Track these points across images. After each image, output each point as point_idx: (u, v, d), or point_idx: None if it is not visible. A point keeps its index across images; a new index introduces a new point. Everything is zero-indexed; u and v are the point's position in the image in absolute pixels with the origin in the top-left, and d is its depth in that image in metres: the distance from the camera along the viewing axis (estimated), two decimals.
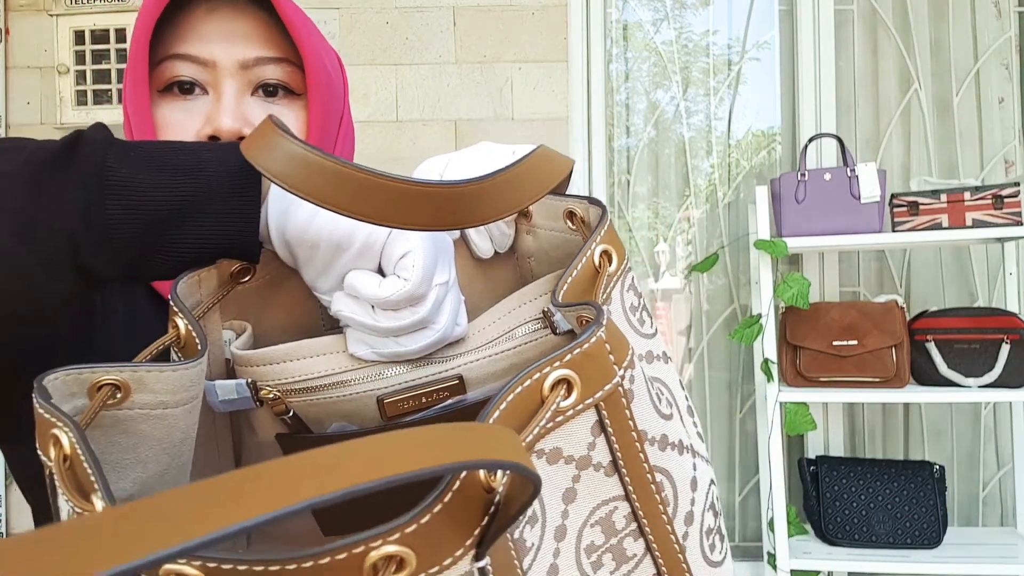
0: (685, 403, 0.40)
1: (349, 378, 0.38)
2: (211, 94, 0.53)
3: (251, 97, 0.54)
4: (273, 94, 0.55)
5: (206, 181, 0.36)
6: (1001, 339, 1.58)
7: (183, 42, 0.53)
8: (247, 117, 0.53)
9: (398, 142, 1.80)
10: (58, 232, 0.35)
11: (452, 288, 0.37)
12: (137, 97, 0.51)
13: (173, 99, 0.53)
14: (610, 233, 0.37)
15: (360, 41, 1.81)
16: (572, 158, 0.40)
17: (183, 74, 0.53)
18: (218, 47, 0.53)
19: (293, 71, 0.55)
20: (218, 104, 0.52)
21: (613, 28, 1.99)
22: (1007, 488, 1.88)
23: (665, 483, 0.32)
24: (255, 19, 0.54)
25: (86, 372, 0.29)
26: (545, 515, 0.28)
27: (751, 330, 1.63)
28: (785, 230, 1.62)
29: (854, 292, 1.93)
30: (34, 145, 0.37)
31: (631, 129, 2.01)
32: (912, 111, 1.94)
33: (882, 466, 1.68)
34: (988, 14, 1.93)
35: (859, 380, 1.61)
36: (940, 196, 1.59)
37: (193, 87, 0.53)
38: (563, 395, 0.27)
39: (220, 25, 0.53)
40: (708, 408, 1.97)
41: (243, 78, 0.54)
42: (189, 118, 0.53)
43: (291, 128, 0.50)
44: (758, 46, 1.99)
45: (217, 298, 0.39)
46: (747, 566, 1.87)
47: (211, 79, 0.53)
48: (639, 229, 1.99)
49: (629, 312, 0.37)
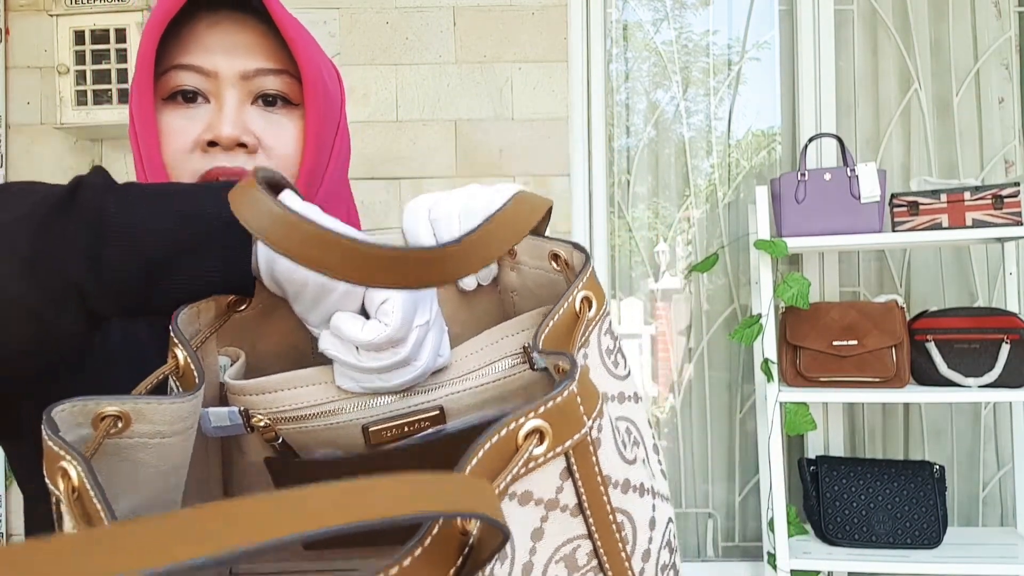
0: (651, 441, 0.42)
1: (337, 407, 0.40)
2: (213, 103, 0.56)
3: (251, 106, 0.57)
4: (272, 104, 0.57)
5: (203, 225, 0.38)
6: (1001, 339, 1.58)
7: (187, 53, 0.55)
8: (246, 125, 0.55)
9: (398, 142, 1.80)
10: (64, 276, 0.37)
11: (434, 325, 0.39)
12: (143, 104, 0.53)
13: (176, 107, 0.56)
14: (591, 279, 0.39)
15: (360, 41, 1.81)
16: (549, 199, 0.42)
17: (186, 83, 0.55)
18: (220, 58, 0.55)
19: (291, 82, 0.57)
20: (219, 113, 0.55)
21: (613, 28, 1.99)
22: (1007, 488, 1.88)
23: (625, 523, 0.35)
24: (256, 32, 0.57)
25: (91, 404, 0.31)
26: (514, 553, 0.30)
27: (751, 330, 1.63)
28: (785, 230, 1.62)
29: (854, 292, 1.93)
30: (42, 189, 0.39)
31: (631, 129, 2.01)
32: (912, 111, 1.94)
33: (882, 466, 1.68)
34: (988, 14, 1.93)
35: (859, 380, 1.61)
36: (940, 196, 1.59)
37: (196, 96, 0.56)
38: (536, 443, 0.29)
39: (222, 37, 0.56)
40: (708, 408, 1.97)
41: (243, 88, 0.56)
42: (191, 125, 0.55)
43: (289, 138, 0.55)
44: (758, 46, 1.99)
45: (215, 328, 0.41)
46: (747, 566, 1.87)
47: (213, 88, 0.55)
48: (639, 229, 1.99)
49: (605, 355, 0.40)
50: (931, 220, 1.59)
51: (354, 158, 1.92)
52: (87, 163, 1.80)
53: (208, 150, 0.55)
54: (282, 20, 0.55)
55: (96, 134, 1.75)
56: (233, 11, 0.57)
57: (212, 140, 0.54)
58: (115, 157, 1.80)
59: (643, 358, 2.02)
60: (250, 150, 0.55)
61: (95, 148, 1.80)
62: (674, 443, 1.98)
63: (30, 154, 1.80)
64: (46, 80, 1.79)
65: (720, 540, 1.95)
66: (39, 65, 1.79)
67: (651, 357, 2.02)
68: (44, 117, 1.79)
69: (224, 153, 0.54)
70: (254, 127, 0.56)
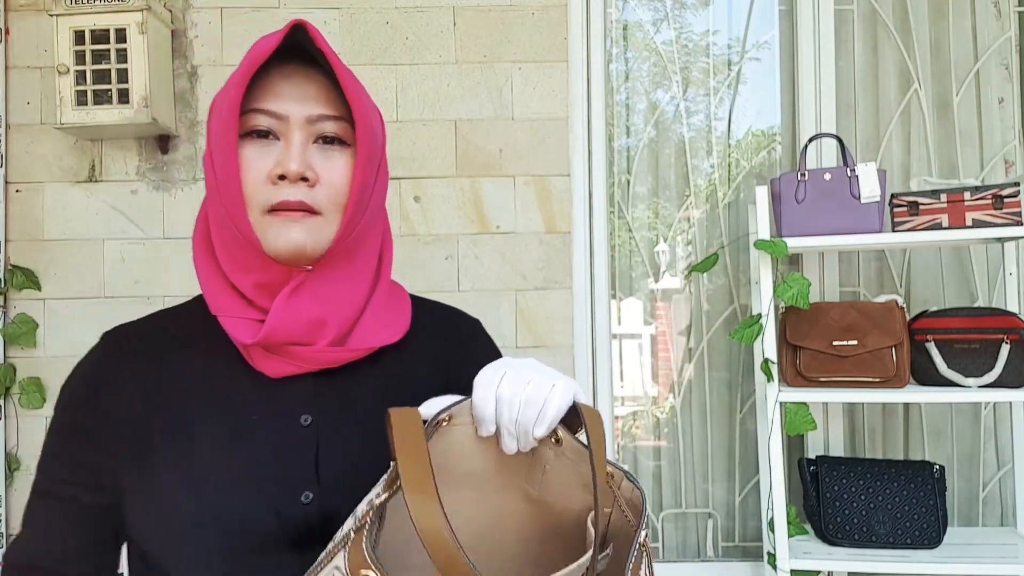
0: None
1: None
2: (282, 141, 0.66)
3: (312, 145, 0.67)
4: (330, 143, 0.68)
5: None
6: (1001, 339, 1.58)
7: (263, 99, 0.66)
8: (309, 163, 0.66)
9: (398, 142, 1.80)
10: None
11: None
12: (228, 140, 0.64)
13: (252, 142, 0.66)
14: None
15: (360, 41, 1.81)
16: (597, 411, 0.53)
17: (262, 125, 0.66)
18: (291, 105, 0.66)
19: (346, 126, 0.68)
20: (287, 151, 0.66)
21: (613, 28, 1.99)
22: (1007, 488, 1.88)
23: None
24: (319, 83, 0.68)
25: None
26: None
27: (751, 330, 1.63)
28: (785, 230, 1.62)
29: (854, 292, 1.93)
30: None
31: (631, 129, 2.01)
32: (912, 111, 1.95)
33: (882, 466, 1.68)
34: (988, 14, 1.93)
35: (859, 380, 1.61)
36: (940, 196, 1.59)
37: (268, 134, 0.66)
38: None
39: (293, 88, 0.67)
40: (708, 408, 1.97)
41: (308, 130, 0.67)
42: (264, 159, 0.66)
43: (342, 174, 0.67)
44: (758, 46, 1.99)
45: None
46: (747, 566, 1.87)
47: (283, 130, 0.66)
48: (639, 229, 1.99)
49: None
50: (931, 220, 1.59)
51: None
52: (87, 163, 1.80)
53: (277, 182, 0.65)
54: (341, 74, 0.66)
55: (96, 134, 1.75)
56: (302, 64, 0.68)
57: (281, 174, 0.65)
58: (115, 157, 1.80)
59: (643, 358, 2.02)
60: (311, 184, 0.66)
61: (95, 148, 1.80)
62: (674, 443, 1.98)
63: (30, 154, 1.80)
64: (46, 80, 1.79)
65: (720, 540, 1.95)
66: (39, 65, 1.79)
67: (651, 357, 2.02)
68: (44, 117, 1.79)
69: (290, 185, 0.65)
70: (315, 164, 0.66)
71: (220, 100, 0.66)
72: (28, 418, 1.78)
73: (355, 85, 0.67)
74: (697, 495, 1.97)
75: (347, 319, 0.69)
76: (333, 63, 0.65)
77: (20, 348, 1.77)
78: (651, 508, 1.96)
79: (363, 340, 0.70)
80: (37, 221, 1.79)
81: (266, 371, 0.68)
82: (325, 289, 0.68)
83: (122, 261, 1.80)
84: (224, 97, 0.65)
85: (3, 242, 1.78)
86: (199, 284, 0.70)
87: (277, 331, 0.65)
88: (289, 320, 0.66)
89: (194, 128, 1.81)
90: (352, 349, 0.69)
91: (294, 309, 0.66)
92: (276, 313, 0.65)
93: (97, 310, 1.78)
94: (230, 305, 0.68)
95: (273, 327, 0.65)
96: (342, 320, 0.69)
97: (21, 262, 1.78)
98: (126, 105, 1.63)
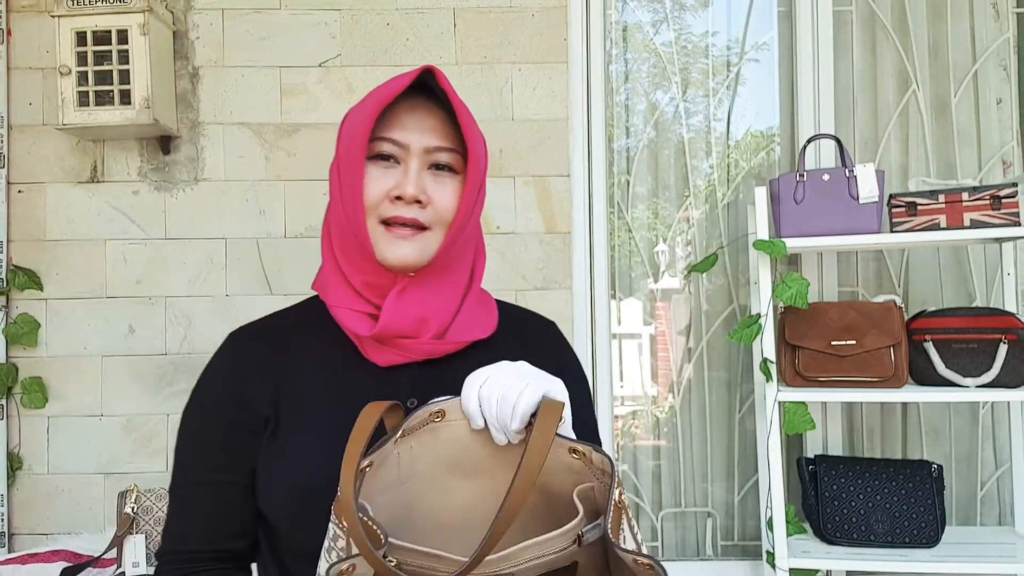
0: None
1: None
2: (402, 165, 0.77)
3: (427, 171, 0.77)
4: (441, 170, 0.78)
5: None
6: (999, 339, 1.59)
7: (390, 129, 0.76)
8: (423, 187, 0.76)
9: None
10: None
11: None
12: (356, 161, 0.75)
13: (375, 165, 0.77)
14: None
15: (361, 42, 1.82)
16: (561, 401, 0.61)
17: (386, 150, 0.77)
18: (412, 135, 0.77)
19: (457, 157, 0.79)
20: (406, 175, 0.76)
21: (613, 29, 1.99)
22: (1005, 487, 1.89)
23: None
24: (438, 117, 0.78)
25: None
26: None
27: (750, 330, 1.64)
28: (784, 230, 1.63)
29: (853, 292, 1.94)
30: None
31: (631, 130, 2.02)
32: (910, 112, 1.95)
33: (880, 465, 1.68)
34: (986, 15, 1.94)
35: (857, 380, 1.62)
36: (938, 197, 1.60)
37: (391, 158, 0.77)
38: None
39: (416, 120, 0.77)
40: (707, 408, 1.98)
41: (424, 159, 0.77)
42: (385, 180, 0.76)
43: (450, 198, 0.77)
44: (757, 47, 2.00)
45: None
46: (746, 565, 1.88)
47: (404, 156, 0.77)
48: (639, 230, 2.00)
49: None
50: (929, 220, 1.60)
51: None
52: (89, 164, 1.81)
53: (395, 202, 0.76)
54: (460, 112, 0.76)
55: (98, 135, 1.76)
56: (425, 98, 0.78)
57: (399, 195, 0.75)
58: (116, 158, 1.81)
59: (643, 358, 2.03)
60: (423, 205, 0.76)
61: (96, 149, 1.81)
62: (674, 443, 1.99)
63: (32, 155, 1.80)
64: (48, 81, 1.79)
65: (719, 539, 1.96)
66: (41, 66, 1.80)
67: (651, 357, 2.03)
68: (46, 118, 1.80)
69: (405, 205, 0.76)
70: (428, 188, 0.77)
71: (351, 125, 0.77)
72: (30, 418, 1.78)
73: (470, 122, 0.78)
74: (696, 494, 1.98)
75: (446, 317, 0.81)
76: (454, 102, 0.76)
77: (22, 348, 1.78)
78: (651, 507, 1.97)
79: (459, 335, 0.81)
80: (39, 221, 1.80)
81: (377, 360, 0.79)
82: (426, 292, 0.80)
83: (124, 261, 1.81)
84: (355, 123, 0.76)
85: (5, 242, 1.79)
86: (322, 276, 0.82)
87: (389, 327, 0.77)
88: (399, 317, 0.77)
89: (195, 129, 1.81)
90: (451, 342, 0.81)
91: (402, 308, 0.78)
92: (388, 311, 0.77)
93: (99, 310, 1.79)
94: (343, 297, 0.79)
95: (386, 323, 0.77)
96: (441, 318, 0.80)
97: (23, 262, 1.79)
98: (128, 106, 1.63)
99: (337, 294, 0.80)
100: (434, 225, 0.77)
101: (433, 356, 0.80)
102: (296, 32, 1.80)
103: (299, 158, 1.81)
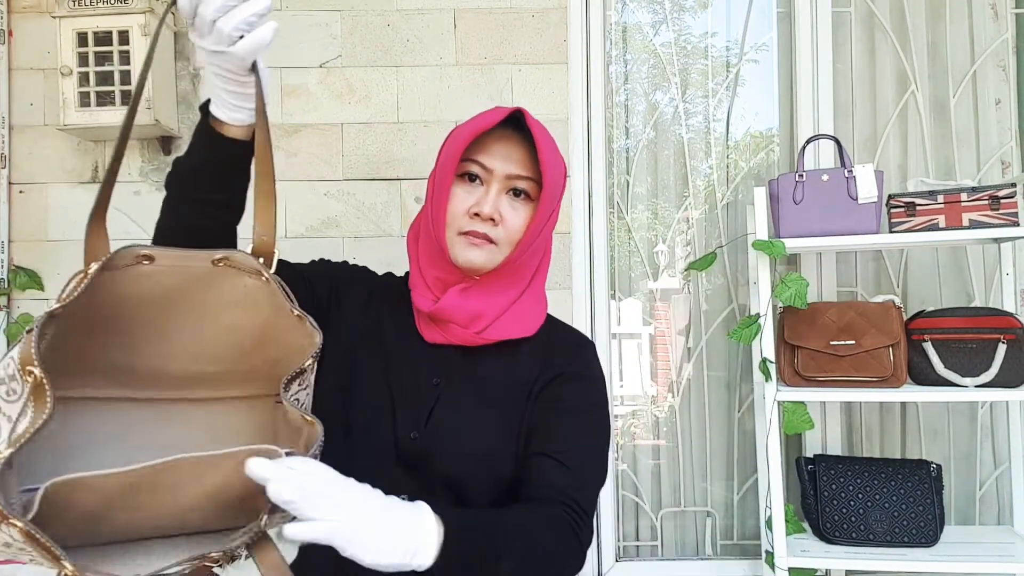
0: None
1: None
2: (484, 187, 0.90)
3: (504, 195, 0.91)
4: (518, 196, 0.91)
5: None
6: (998, 339, 1.59)
7: (479, 153, 0.90)
8: (499, 208, 0.90)
9: (399, 143, 1.81)
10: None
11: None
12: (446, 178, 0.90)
13: (462, 183, 0.91)
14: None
15: (361, 43, 1.82)
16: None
17: (473, 171, 0.90)
18: (498, 162, 0.90)
19: (535, 186, 0.91)
20: (486, 196, 0.89)
21: (612, 30, 2.00)
22: (1004, 487, 1.89)
23: None
24: (523, 148, 0.90)
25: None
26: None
27: (749, 330, 1.64)
28: (783, 231, 1.63)
29: (852, 292, 1.94)
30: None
31: (630, 130, 2.02)
32: (909, 112, 1.96)
33: (879, 465, 1.69)
34: (985, 16, 1.94)
35: (856, 379, 1.62)
36: (937, 197, 1.60)
37: (476, 178, 0.91)
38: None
39: (502, 149, 0.90)
40: (707, 407, 1.98)
41: (504, 184, 0.90)
42: (468, 198, 0.90)
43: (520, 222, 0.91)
44: (756, 48, 2.00)
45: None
46: (745, 564, 1.88)
47: (487, 178, 0.90)
48: (638, 230, 2.00)
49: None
50: (928, 221, 1.61)
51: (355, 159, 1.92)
52: (90, 165, 1.81)
53: (473, 217, 0.89)
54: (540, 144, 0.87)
55: (99, 135, 1.76)
56: (515, 131, 0.90)
57: (477, 212, 0.88)
58: None
59: (642, 358, 2.03)
60: (496, 224, 0.89)
61: (98, 149, 1.82)
62: (673, 442, 2.00)
63: (33, 155, 1.81)
64: (49, 82, 1.80)
65: (719, 538, 1.96)
66: (42, 67, 1.80)
67: (650, 357, 2.04)
68: (47, 118, 1.80)
69: (481, 222, 0.89)
70: (503, 209, 0.90)
71: (450, 144, 0.91)
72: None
73: (551, 157, 0.89)
74: (696, 494, 1.98)
75: (496, 314, 0.93)
76: (536, 139, 0.88)
77: None
78: (650, 507, 1.98)
79: (494, 333, 0.93)
80: (40, 222, 1.81)
81: (425, 336, 0.93)
82: (485, 293, 0.92)
83: None
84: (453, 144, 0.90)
85: (6, 243, 1.79)
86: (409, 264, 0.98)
87: (445, 310, 0.91)
88: (456, 306, 0.91)
89: None
90: (484, 337, 0.93)
91: (462, 300, 0.91)
92: (448, 299, 0.91)
93: None
94: (419, 284, 0.95)
95: (443, 306, 0.91)
96: (492, 315, 0.93)
97: (24, 263, 1.79)
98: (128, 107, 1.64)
99: (415, 280, 0.96)
100: (502, 242, 0.90)
101: (468, 344, 0.92)
102: (296, 33, 1.80)
103: (300, 158, 1.81)
